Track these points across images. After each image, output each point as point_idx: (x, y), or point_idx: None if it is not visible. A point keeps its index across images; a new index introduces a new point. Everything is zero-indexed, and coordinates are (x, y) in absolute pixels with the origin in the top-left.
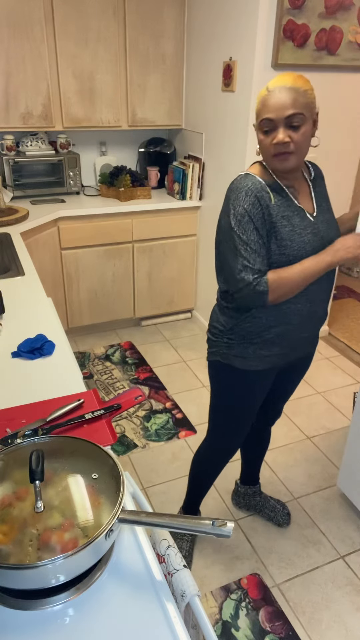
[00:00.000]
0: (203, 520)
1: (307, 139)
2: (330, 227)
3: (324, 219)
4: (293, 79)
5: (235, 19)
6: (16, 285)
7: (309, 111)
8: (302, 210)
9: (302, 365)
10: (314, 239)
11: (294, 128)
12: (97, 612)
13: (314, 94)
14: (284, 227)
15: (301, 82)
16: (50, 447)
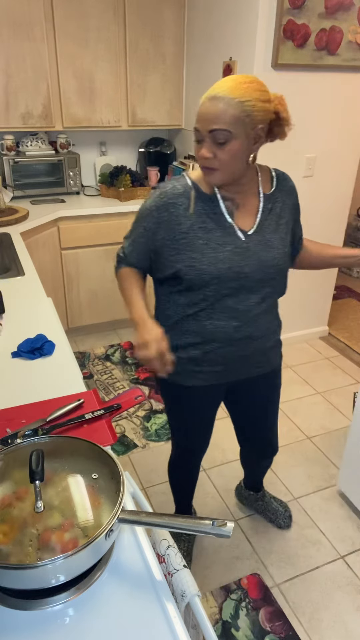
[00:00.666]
0: (203, 520)
1: (234, 158)
2: (269, 248)
3: (264, 239)
4: (230, 86)
5: (235, 19)
6: (16, 285)
7: (241, 127)
8: (231, 227)
9: (265, 388)
10: (235, 258)
11: (219, 144)
12: (97, 612)
13: (260, 105)
14: (197, 239)
15: (240, 90)
16: (50, 447)
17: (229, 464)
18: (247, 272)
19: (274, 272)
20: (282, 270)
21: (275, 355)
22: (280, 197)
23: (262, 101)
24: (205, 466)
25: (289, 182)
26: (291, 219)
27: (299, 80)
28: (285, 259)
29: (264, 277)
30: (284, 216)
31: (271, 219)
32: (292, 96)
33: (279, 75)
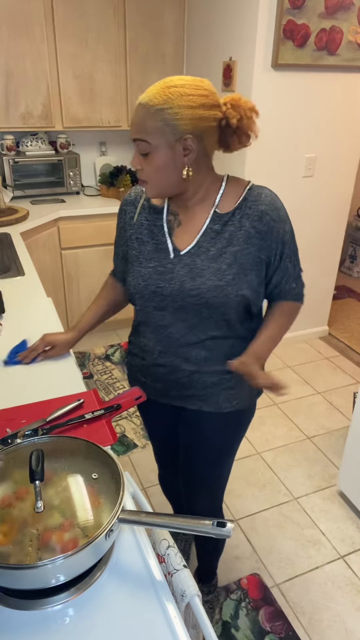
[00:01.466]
0: (203, 520)
1: (158, 171)
2: (194, 275)
3: (193, 263)
4: (153, 92)
5: (235, 19)
6: (16, 285)
7: (161, 137)
8: (164, 243)
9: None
10: (155, 276)
11: (143, 155)
12: (97, 612)
13: (187, 113)
14: (132, 249)
15: (162, 96)
16: (50, 447)
17: None
18: (165, 295)
19: (200, 305)
20: (214, 307)
21: (221, 396)
22: (239, 220)
23: (192, 108)
24: None
25: (262, 205)
26: (252, 252)
27: (299, 80)
28: (218, 294)
29: (186, 306)
30: (235, 244)
31: (215, 243)
32: (292, 96)
33: (279, 75)
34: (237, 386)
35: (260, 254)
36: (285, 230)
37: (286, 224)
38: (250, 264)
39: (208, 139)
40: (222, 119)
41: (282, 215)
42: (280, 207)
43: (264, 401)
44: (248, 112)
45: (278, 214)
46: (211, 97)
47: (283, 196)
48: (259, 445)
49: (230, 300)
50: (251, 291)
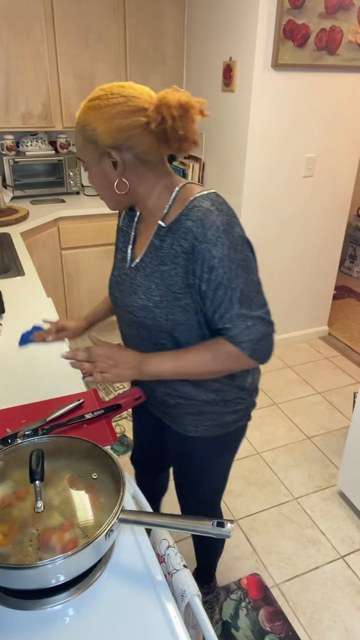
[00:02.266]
0: (203, 520)
1: (99, 185)
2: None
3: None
4: (79, 109)
5: (235, 19)
6: (16, 285)
7: (88, 154)
8: (127, 252)
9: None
10: (115, 287)
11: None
12: (97, 612)
13: (103, 127)
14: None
15: (83, 113)
16: (50, 447)
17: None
18: (119, 306)
19: (137, 324)
20: (147, 328)
21: (185, 420)
22: (172, 236)
23: (107, 120)
24: None
25: (189, 221)
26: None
27: (299, 80)
28: (147, 315)
29: (130, 321)
30: (165, 262)
31: (153, 259)
32: (292, 96)
33: (279, 75)
34: (202, 413)
35: (189, 277)
36: (213, 255)
37: (215, 247)
38: (180, 287)
39: (139, 146)
40: (150, 122)
41: (209, 236)
42: (211, 225)
43: (264, 401)
44: (175, 110)
45: (204, 234)
46: (130, 102)
47: (283, 196)
48: (259, 445)
49: (160, 324)
50: (189, 316)
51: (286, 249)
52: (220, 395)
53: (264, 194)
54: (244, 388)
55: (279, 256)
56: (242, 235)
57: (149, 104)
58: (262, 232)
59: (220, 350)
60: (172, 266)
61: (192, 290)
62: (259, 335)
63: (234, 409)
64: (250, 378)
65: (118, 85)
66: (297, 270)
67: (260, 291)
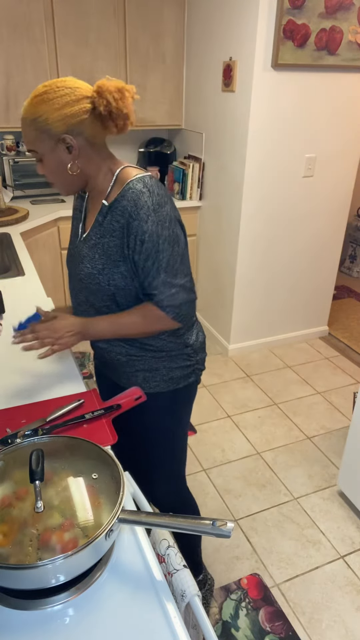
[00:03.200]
0: (203, 520)
1: (53, 173)
2: (78, 262)
3: (80, 249)
4: (26, 105)
5: (235, 19)
6: (16, 285)
7: (42, 144)
8: (77, 227)
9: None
10: (69, 260)
11: (38, 162)
12: (97, 612)
13: (56, 115)
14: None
15: (31, 108)
16: (50, 447)
17: (229, 464)
18: (71, 275)
19: (84, 289)
20: (94, 293)
21: (139, 377)
22: (111, 214)
23: (57, 109)
24: (205, 466)
25: (124, 200)
26: (117, 244)
27: (299, 80)
28: (91, 281)
29: (77, 288)
30: (105, 236)
31: (97, 233)
32: (292, 96)
33: (279, 75)
34: (152, 369)
35: (124, 248)
36: (144, 230)
37: (146, 223)
38: (118, 256)
39: (87, 130)
40: (95, 108)
41: (141, 214)
42: (143, 205)
43: (264, 401)
44: (116, 94)
45: (137, 212)
46: (75, 92)
47: (283, 196)
48: (259, 445)
49: (103, 288)
50: (128, 282)
51: (286, 249)
52: (165, 351)
53: (264, 194)
54: (188, 344)
55: (279, 256)
56: (170, 214)
57: (91, 92)
58: (262, 232)
59: (148, 314)
60: (111, 239)
61: (128, 259)
62: (181, 300)
63: (182, 364)
64: (195, 336)
65: (60, 80)
66: (297, 270)
67: (184, 262)
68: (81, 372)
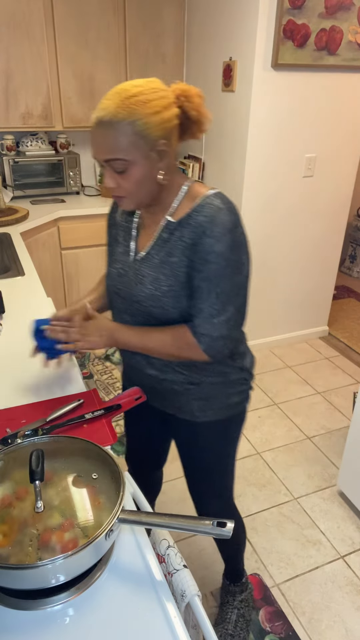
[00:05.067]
0: (203, 520)
1: (139, 184)
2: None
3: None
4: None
5: (235, 19)
6: (16, 285)
7: (137, 151)
8: (129, 245)
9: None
10: (116, 278)
11: (119, 173)
12: (97, 612)
13: (155, 119)
14: (110, 247)
15: (127, 109)
16: (50, 447)
17: None
18: (123, 298)
19: (145, 313)
20: (156, 317)
21: (193, 406)
22: (181, 230)
23: (157, 112)
24: None
25: (201, 216)
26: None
27: (299, 80)
28: (155, 304)
29: (137, 312)
30: (174, 255)
31: (161, 252)
32: (292, 96)
33: (279, 75)
34: (209, 397)
35: (190, 267)
36: (213, 250)
37: (218, 242)
38: (186, 276)
39: (174, 138)
40: (181, 113)
41: (216, 233)
42: (221, 223)
43: (264, 401)
44: (198, 99)
45: (212, 229)
46: (167, 96)
47: (283, 196)
48: (259, 445)
49: (168, 312)
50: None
51: (286, 248)
52: (224, 376)
53: (264, 194)
54: (244, 368)
55: (278, 256)
56: (242, 239)
57: (173, 97)
58: (262, 231)
59: (180, 337)
60: (181, 257)
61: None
62: (220, 333)
63: (239, 389)
64: (249, 358)
65: (150, 81)
66: (297, 270)
67: (240, 294)
68: (81, 372)
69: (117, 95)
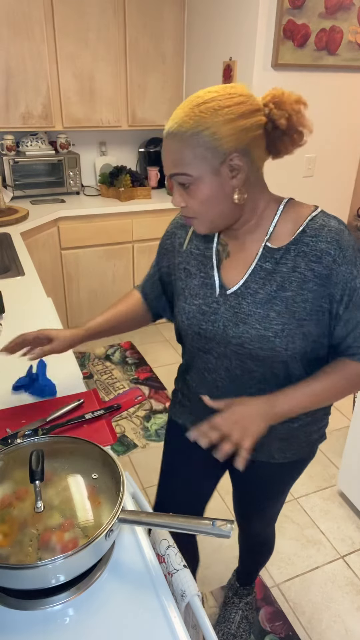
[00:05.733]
0: (203, 520)
1: (206, 204)
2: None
3: (239, 306)
4: (181, 115)
5: (235, 19)
6: (16, 285)
7: (203, 165)
8: (211, 277)
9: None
10: (200, 317)
11: (185, 188)
12: (97, 612)
13: (226, 129)
14: (179, 281)
15: (193, 119)
16: (50, 447)
17: None
18: (209, 338)
19: (243, 355)
20: (259, 360)
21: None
22: (294, 259)
23: (231, 121)
24: None
25: (322, 243)
26: (309, 299)
27: (299, 80)
28: (263, 345)
29: (229, 354)
30: (288, 289)
31: (264, 285)
32: None
33: (279, 75)
34: (291, 437)
35: (321, 302)
36: (354, 275)
37: (356, 267)
38: (307, 313)
39: (256, 151)
40: (267, 122)
41: (348, 257)
42: (348, 247)
43: None
44: (295, 106)
45: (342, 255)
46: (249, 101)
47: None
48: None
49: (278, 354)
50: (307, 344)
51: None
52: (311, 414)
53: None
54: None
55: None
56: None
57: (262, 104)
58: None
59: (351, 373)
60: (299, 292)
61: (321, 314)
62: None
63: (320, 425)
64: None
65: (229, 86)
66: None
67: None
68: (81, 372)
69: (188, 104)
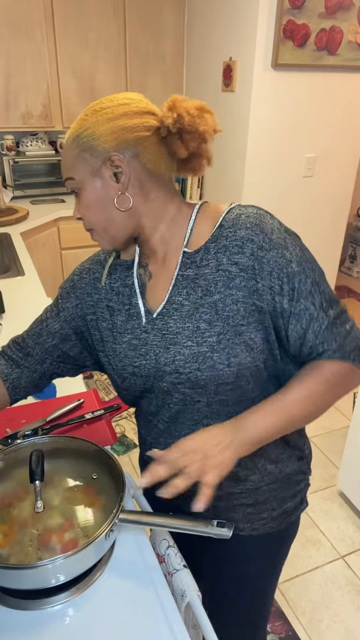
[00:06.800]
0: (203, 521)
1: (91, 210)
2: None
3: (166, 326)
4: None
5: (235, 19)
6: (16, 285)
7: (83, 166)
8: (135, 305)
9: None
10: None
11: (77, 197)
12: (97, 612)
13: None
14: (102, 321)
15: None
16: (50, 447)
17: None
18: (144, 376)
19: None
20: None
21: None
22: (215, 257)
23: (110, 120)
24: None
25: (241, 230)
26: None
27: (299, 80)
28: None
29: (167, 388)
30: (214, 292)
31: (190, 293)
32: (292, 96)
33: (279, 75)
34: (258, 502)
35: (254, 299)
36: (287, 259)
37: (287, 250)
38: (242, 317)
39: (145, 153)
40: (159, 127)
41: (275, 240)
42: (272, 229)
43: None
44: (192, 110)
45: (267, 238)
46: (136, 104)
47: (283, 196)
48: None
49: (221, 373)
50: (255, 356)
51: None
52: (279, 466)
53: (264, 194)
54: (303, 456)
55: None
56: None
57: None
58: None
59: (327, 373)
60: (227, 292)
61: (260, 315)
62: (357, 334)
63: (295, 490)
64: (307, 441)
65: (123, 93)
66: None
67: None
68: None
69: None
